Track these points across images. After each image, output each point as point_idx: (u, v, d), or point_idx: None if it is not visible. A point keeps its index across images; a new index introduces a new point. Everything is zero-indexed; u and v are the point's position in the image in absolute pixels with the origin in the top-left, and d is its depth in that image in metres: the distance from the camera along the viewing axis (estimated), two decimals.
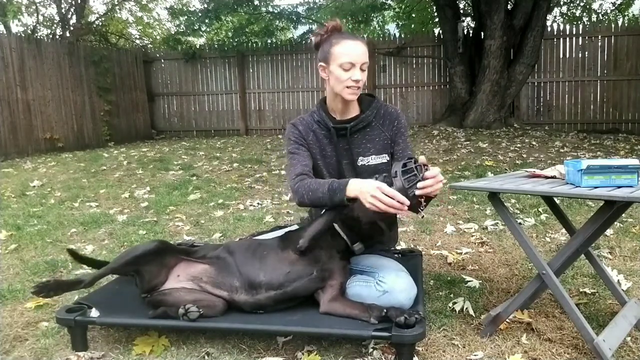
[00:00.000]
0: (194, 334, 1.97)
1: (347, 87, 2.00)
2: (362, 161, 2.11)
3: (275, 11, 11.94)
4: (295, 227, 2.20)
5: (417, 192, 1.70)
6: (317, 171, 2.19)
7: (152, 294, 1.95)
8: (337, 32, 2.04)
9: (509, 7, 9.06)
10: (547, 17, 10.06)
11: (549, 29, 9.80)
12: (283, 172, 5.76)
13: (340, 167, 2.12)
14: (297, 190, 1.98)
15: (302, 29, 12.13)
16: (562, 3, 13.28)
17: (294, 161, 2.09)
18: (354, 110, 2.14)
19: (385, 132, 2.14)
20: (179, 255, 2.04)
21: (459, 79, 9.51)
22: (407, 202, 1.68)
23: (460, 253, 2.98)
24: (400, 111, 2.22)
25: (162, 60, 11.68)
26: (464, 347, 1.86)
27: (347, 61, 1.97)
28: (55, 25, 12.08)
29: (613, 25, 9.98)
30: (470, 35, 9.69)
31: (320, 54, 2.06)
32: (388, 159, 2.14)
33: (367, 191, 1.72)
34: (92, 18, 13.09)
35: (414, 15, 13.85)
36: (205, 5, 11.65)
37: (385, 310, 1.76)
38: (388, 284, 1.88)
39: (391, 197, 1.68)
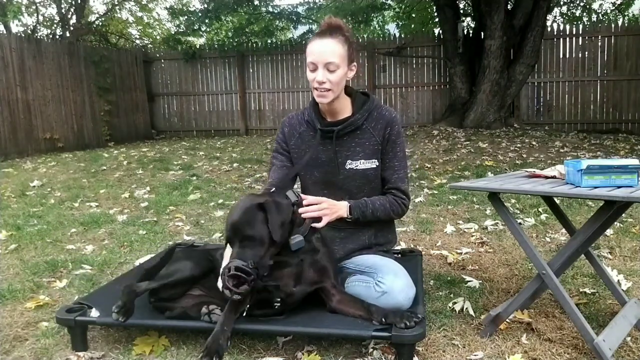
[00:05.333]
0: (194, 334, 1.97)
1: (315, 88, 1.95)
2: (350, 165, 2.06)
3: (275, 11, 11.95)
4: None
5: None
6: (301, 179, 2.18)
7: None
8: (323, 29, 1.98)
9: (509, 7, 9.06)
10: (547, 17, 10.06)
11: (549, 29, 9.81)
12: None
13: (325, 170, 2.08)
14: None
15: (302, 29, 12.15)
16: (562, 3, 13.27)
17: (270, 174, 2.15)
18: (346, 111, 2.06)
19: (376, 136, 2.05)
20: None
21: (459, 79, 9.51)
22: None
23: (460, 253, 2.98)
24: (396, 115, 2.10)
25: (162, 60, 11.68)
26: (464, 347, 1.86)
27: (309, 61, 1.94)
28: (55, 25, 12.09)
29: (613, 25, 9.99)
30: (470, 35, 9.70)
31: None
32: (377, 164, 2.07)
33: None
34: (92, 18, 13.10)
35: (414, 15, 13.86)
36: (205, 5, 11.65)
37: (383, 319, 1.75)
38: (387, 285, 1.87)
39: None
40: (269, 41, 11.66)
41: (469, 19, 10.95)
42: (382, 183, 2.12)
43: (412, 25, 13.79)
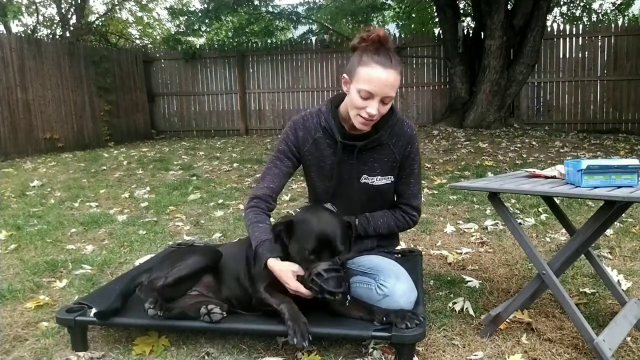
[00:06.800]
0: (194, 334, 1.97)
1: (360, 115, 1.83)
2: (365, 179, 2.02)
3: (275, 11, 11.95)
4: None
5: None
6: (309, 181, 2.13)
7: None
8: (378, 46, 1.80)
9: (509, 7, 9.06)
10: (547, 17, 10.06)
11: (549, 29, 9.81)
12: None
13: (338, 181, 2.03)
14: (245, 214, 1.98)
15: (302, 29, 12.14)
16: (562, 3, 13.28)
17: (266, 176, 2.02)
18: None
19: (395, 153, 2.01)
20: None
21: (459, 79, 9.51)
22: (308, 295, 1.74)
23: (460, 253, 2.98)
24: (415, 131, 2.06)
25: (162, 60, 11.68)
26: (464, 347, 1.86)
27: (366, 89, 1.78)
28: (55, 25, 12.10)
29: (613, 25, 10.00)
30: (470, 35, 9.70)
31: (349, 63, 1.87)
32: (392, 179, 2.05)
33: (281, 278, 1.77)
34: (92, 18, 13.11)
35: (414, 15, 13.86)
36: (205, 5, 11.65)
37: (384, 317, 1.76)
38: (389, 288, 1.86)
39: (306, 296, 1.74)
40: (269, 41, 11.66)
41: (469, 19, 10.95)
42: (395, 195, 2.12)
43: (412, 25, 13.80)
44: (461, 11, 10.44)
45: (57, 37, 11.32)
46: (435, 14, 10.97)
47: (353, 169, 2.01)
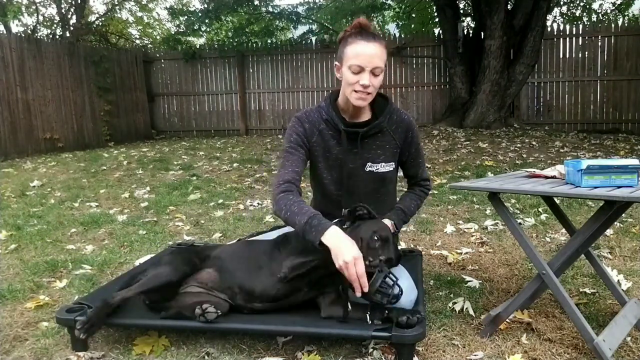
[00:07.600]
0: (194, 334, 1.97)
1: (355, 91, 1.92)
2: (370, 167, 2.07)
3: (275, 11, 11.94)
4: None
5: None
6: (316, 173, 2.15)
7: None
8: (361, 30, 1.93)
9: (509, 7, 9.06)
10: (547, 17, 10.06)
11: (549, 29, 9.81)
12: None
13: (344, 171, 2.08)
14: (278, 201, 1.88)
15: (302, 29, 12.14)
16: (562, 3, 13.28)
17: (287, 162, 2.00)
18: (366, 114, 2.07)
19: (396, 140, 2.09)
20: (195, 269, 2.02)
21: (459, 79, 9.51)
22: (366, 290, 1.67)
23: (460, 253, 2.98)
24: (412, 118, 2.15)
25: (162, 60, 11.68)
26: (464, 347, 1.86)
27: (356, 64, 1.88)
28: (55, 25, 12.08)
29: (613, 25, 9.98)
30: (470, 35, 9.70)
31: (338, 52, 1.98)
32: (394, 166, 2.12)
33: (343, 254, 1.65)
34: (92, 18, 13.10)
35: (414, 15, 13.86)
36: (205, 5, 11.65)
37: (386, 312, 1.76)
38: None
39: (359, 276, 1.66)
40: (269, 41, 11.65)
41: (469, 19, 10.96)
42: (409, 179, 2.23)
43: (412, 25, 13.80)
44: (461, 11, 10.44)
45: (57, 37, 11.32)
46: (435, 14, 10.96)
47: (357, 157, 2.06)
